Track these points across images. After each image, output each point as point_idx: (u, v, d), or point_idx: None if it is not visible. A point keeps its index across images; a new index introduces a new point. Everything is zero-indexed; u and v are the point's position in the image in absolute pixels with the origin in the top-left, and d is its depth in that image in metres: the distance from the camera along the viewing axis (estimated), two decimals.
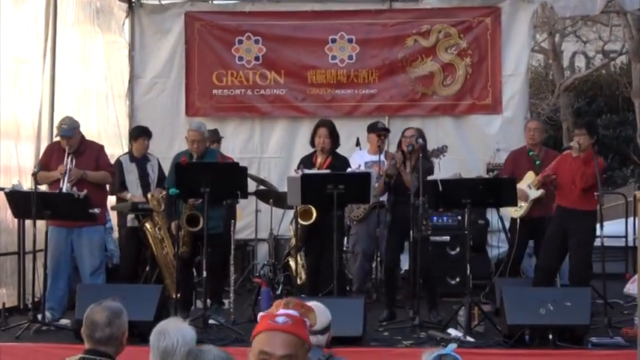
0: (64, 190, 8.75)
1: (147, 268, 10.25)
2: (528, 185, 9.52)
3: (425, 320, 8.45)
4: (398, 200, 8.81)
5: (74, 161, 9.01)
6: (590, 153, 8.76)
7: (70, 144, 9.04)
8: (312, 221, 9.03)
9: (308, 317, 3.07)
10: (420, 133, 9.03)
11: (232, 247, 9.57)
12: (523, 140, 10.32)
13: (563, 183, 8.99)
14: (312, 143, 9.35)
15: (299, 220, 9.11)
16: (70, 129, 9.11)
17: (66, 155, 8.99)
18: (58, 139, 9.29)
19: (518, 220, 9.67)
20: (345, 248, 10.52)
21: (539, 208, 9.57)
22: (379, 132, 10.42)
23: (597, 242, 8.78)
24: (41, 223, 8.76)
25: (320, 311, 4.60)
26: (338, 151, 9.44)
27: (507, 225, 10.45)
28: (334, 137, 9.29)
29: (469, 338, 7.79)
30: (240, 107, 12.52)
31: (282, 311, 3.00)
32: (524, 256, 10.28)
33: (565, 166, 9.01)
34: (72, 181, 8.89)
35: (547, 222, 9.45)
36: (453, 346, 3.77)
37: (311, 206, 8.98)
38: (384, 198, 9.47)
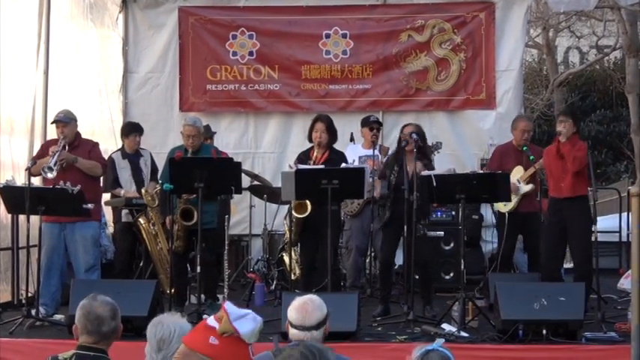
0: (52, 163, 8.71)
1: (141, 264, 10.25)
2: (517, 180, 9.56)
3: (419, 315, 8.46)
4: (397, 197, 8.80)
5: (67, 149, 9.00)
6: (575, 138, 8.87)
7: (65, 133, 9.02)
8: (307, 214, 9.03)
9: (220, 326, 3.03)
10: (418, 129, 9.03)
11: (226, 242, 9.57)
12: None
13: (554, 173, 9.01)
14: (310, 138, 9.35)
15: (294, 213, 9.11)
16: (66, 117, 9.12)
17: (60, 141, 8.96)
18: (53, 134, 9.27)
19: (506, 215, 9.70)
20: (339, 243, 10.54)
21: (527, 203, 9.62)
22: (371, 125, 10.43)
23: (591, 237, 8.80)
24: (35, 219, 8.75)
25: (315, 306, 4.59)
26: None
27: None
28: (331, 132, 9.30)
29: (463, 333, 7.80)
30: (234, 102, 12.51)
31: None
32: (517, 251, 10.30)
33: (552, 156, 9.03)
34: (62, 161, 8.85)
35: (535, 217, 9.49)
36: (440, 341, 3.77)
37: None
38: None
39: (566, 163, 8.82)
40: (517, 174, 9.61)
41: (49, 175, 8.69)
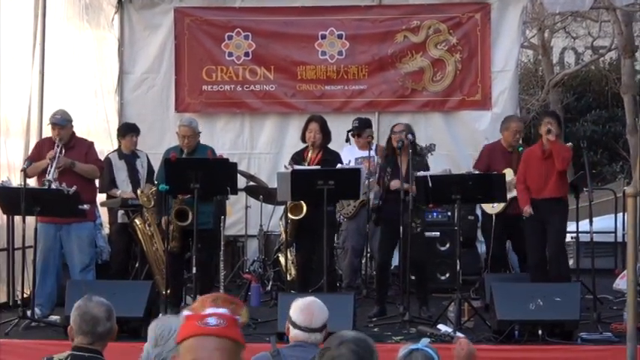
0: (51, 176, 8.73)
1: (137, 265, 10.24)
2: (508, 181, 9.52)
3: (415, 316, 8.46)
4: (389, 197, 8.83)
5: (63, 152, 9.01)
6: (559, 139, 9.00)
7: (61, 135, 9.03)
8: (302, 215, 9.02)
9: (239, 314, 2.76)
10: (409, 129, 9.04)
11: (222, 243, 9.56)
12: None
13: (535, 177, 8.99)
14: (303, 138, 9.34)
15: (289, 214, 9.11)
16: (63, 119, 9.14)
17: (56, 144, 8.99)
18: (49, 135, 9.28)
19: (493, 217, 9.69)
20: (335, 244, 10.55)
21: (516, 205, 9.58)
22: (352, 132, 10.46)
23: (587, 238, 8.82)
24: (30, 220, 8.74)
25: (319, 309, 4.64)
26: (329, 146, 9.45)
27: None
28: (325, 132, 9.28)
29: (459, 334, 7.79)
30: (229, 103, 12.51)
31: (211, 310, 2.71)
32: (511, 252, 10.31)
33: (535, 158, 9.02)
34: (60, 168, 8.87)
35: (523, 220, 9.52)
36: (425, 340, 3.77)
37: (301, 201, 8.98)
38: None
39: (554, 162, 8.83)
40: (508, 176, 9.54)
41: (53, 186, 8.71)
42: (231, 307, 2.75)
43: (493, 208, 9.64)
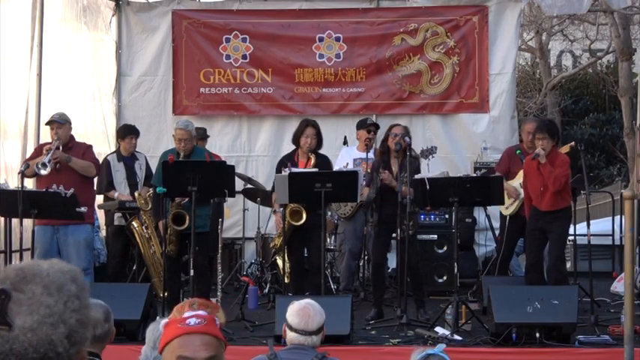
0: (46, 160, 8.71)
1: (134, 267, 10.24)
2: (520, 183, 9.52)
3: (412, 319, 8.46)
4: (385, 199, 8.83)
5: (60, 149, 9.00)
6: (554, 152, 8.79)
7: (59, 134, 9.03)
8: (302, 221, 9.00)
9: (217, 316, 2.83)
10: (407, 131, 9.04)
11: (220, 245, 9.56)
12: (510, 138, 10.34)
13: (534, 188, 8.92)
14: (296, 142, 9.32)
15: (289, 219, 9.08)
16: (62, 119, 9.14)
17: (53, 141, 8.98)
18: (46, 137, 9.28)
19: (508, 218, 9.69)
20: (332, 247, 10.55)
21: None
22: (368, 127, 10.41)
23: (584, 240, 8.83)
24: (28, 222, 8.73)
25: (316, 311, 4.63)
26: (326, 148, 9.45)
27: (497, 224, 10.48)
28: (320, 138, 9.30)
29: (456, 337, 7.80)
30: (227, 106, 12.50)
31: (189, 313, 2.79)
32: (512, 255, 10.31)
33: (532, 170, 8.94)
34: (56, 159, 8.85)
35: None
36: (442, 346, 3.78)
37: (301, 207, 8.96)
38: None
39: (548, 183, 8.77)
40: (521, 177, 9.55)
41: (43, 172, 8.69)
42: (208, 310, 2.82)
43: (507, 209, 9.63)
